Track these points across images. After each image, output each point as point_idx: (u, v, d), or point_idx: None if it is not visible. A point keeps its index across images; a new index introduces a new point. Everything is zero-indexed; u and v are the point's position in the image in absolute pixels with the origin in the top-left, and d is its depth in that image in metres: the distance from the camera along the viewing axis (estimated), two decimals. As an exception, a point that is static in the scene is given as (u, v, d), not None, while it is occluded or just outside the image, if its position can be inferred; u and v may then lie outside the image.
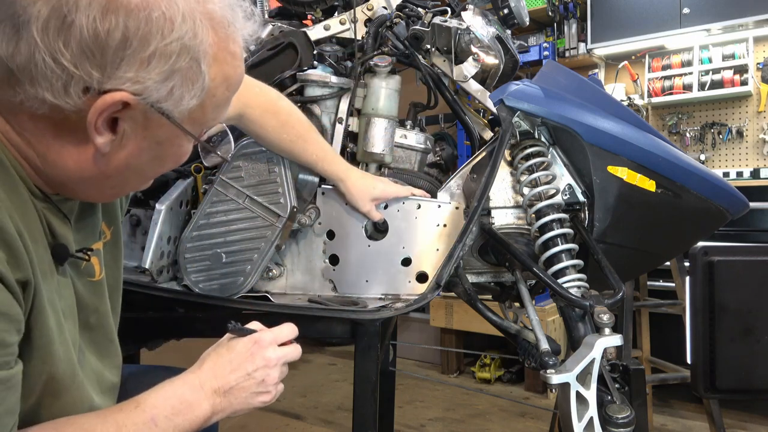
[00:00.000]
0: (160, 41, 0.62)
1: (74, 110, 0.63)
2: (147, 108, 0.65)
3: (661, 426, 2.79)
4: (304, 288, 1.38)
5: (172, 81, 0.65)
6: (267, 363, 0.84)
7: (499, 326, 1.31)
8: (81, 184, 0.71)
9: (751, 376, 1.35)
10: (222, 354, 0.84)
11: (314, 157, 1.29)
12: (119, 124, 0.66)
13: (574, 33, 3.73)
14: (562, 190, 1.32)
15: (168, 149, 0.72)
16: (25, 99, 0.62)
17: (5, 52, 0.60)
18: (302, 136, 1.27)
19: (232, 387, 0.82)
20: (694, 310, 1.38)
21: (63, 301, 0.74)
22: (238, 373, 0.82)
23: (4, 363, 0.62)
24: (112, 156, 0.68)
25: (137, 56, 0.62)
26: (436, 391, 3.33)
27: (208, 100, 0.70)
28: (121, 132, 0.66)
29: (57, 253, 0.72)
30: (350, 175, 1.32)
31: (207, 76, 0.67)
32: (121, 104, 0.63)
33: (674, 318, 2.74)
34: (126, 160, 0.69)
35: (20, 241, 0.63)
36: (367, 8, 1.47)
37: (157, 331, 1.44)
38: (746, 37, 3.29)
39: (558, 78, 1.42)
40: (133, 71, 0.62)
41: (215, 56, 0.67)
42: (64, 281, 0.75)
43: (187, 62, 0.65)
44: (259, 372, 0.83)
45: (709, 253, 1.36)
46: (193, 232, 1.27)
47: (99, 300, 0.83)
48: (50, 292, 0.70)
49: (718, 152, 3.49)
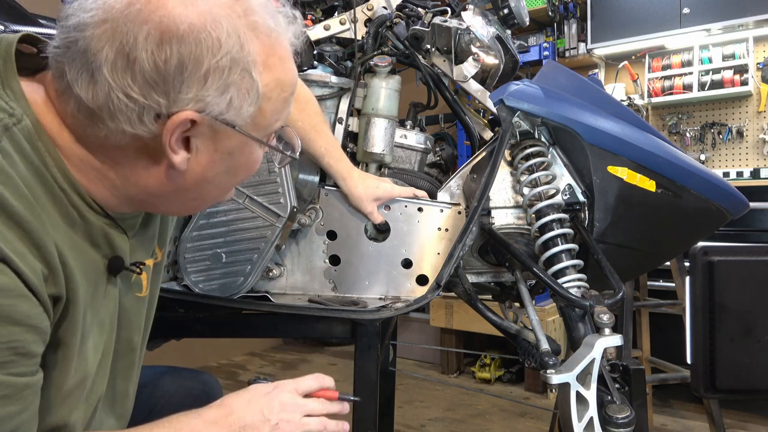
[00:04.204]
0: (211, 59, 0.67)
1: (150, 136, 0.69)
2: (212, 122, 0.70)
3: (661, 426, 2.79)
4: (304, 288, 1.38)
5: (229, 93, 0.70)
6: (283, 408, 0.85)
7: (499, 326, 1.31)
8: (162, 198, 0.77)
9: (751, 376, 1.35)
10: (241, 395, 0.87)
11: (322, 150, 1.31)
12: (191, 142, 0.72)
13: (574, 33, 3.73)
14: (562, 190, 1.32)
15: (239, 158, 0.77)
16: (109, 133, 0.69)
17: (86, 96, 0.67)
18: (315, 126, 1.29)
19: (247, 425, 0.83)
20: (694, 310, 1.38)
21: (104, 311, 0.79)
22: (254, 413, 0.83)
23: (29, 371, 0.66)
24: (189, 171, 0.74)
25: (194, 77, 0.67)
26: (436, 391, 3.33)
27: (266, 105, 0.74)
28: (195, 148, 0.72)
29: (112, 265, 0.78)
30: (353, 175, 1.34)
31: (260, 83, 0.72)
32: (189, 122, 0.69)
33: (674, 318, 2.75)
34: (202, 174, 0.75)
35: (58, 260, 0.68)
36: (367, 8, 1.47)
37: (157, 331, 1.43)
38: (746, 37, 3.28)
39: (558, 78, 1.42)
40: (194, 91, 0.68)
41: (264, 63, 0.72)
42: (113, 292, 0.80)
43: (239, 74, 0.70)
44: (275, 415, 0.84)
45: (709, 253, 1.36)
46: (193, 232, 1.27)
47: (140, 316, 0.88)
48: (92, 304, 0.75)
49: (718, 152, 3.49)
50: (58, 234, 0.69)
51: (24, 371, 0.65)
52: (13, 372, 0.63)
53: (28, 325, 0.63)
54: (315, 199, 1.37)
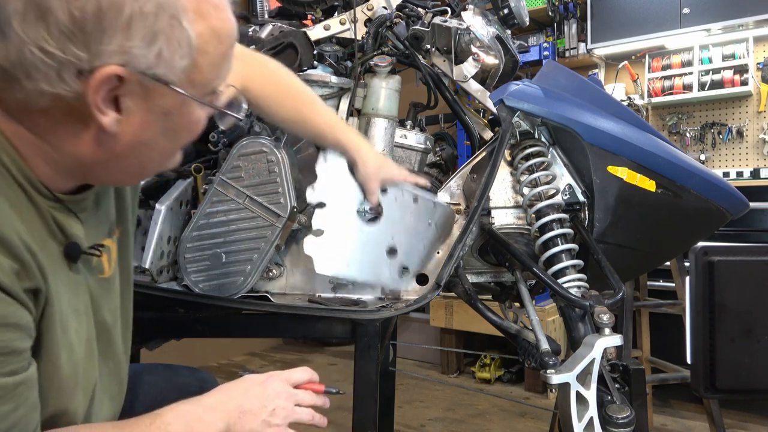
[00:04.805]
0: (133, 3, 0.61)
1: (74, 96, 0.63)
2: (142, 78, 0.64)
3: (661, 426, 2.79)
4: (304, 288, 1.37)
5: (157, 44, 0.63)
6: (278, 395, 0.87)
7: (499, 326, 1.31)
8: (101, 167, 0.71)
9: (751, 376, 1.35)
10: (236, 383, 0.88)
11: (324, 125, 1.24)
12: (121, 101, 0.65)
13: (574, 33, 3.73)
14: (562, 190, 1.32)
15: (178, 119, 0.71)
16: (27, 96, 0.63)
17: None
18: (306, 103, 1.23)
19: (245, 411, 0.83)
20: (694, 310, 1.38)
21: (78, 299, 0.75)
22: (251, 400, 0.85)
23: (20, 368, 0.64)
24: (122, 134, 0.67)
25: (116, 25, 0.61)
26: (436, 391, 3.33)
27: (202, 59, 0.68)
28: (125, 108, 0.66)
29: (69, 252, 0.72)
30: (365, 147, 1.26)
31: (191, 32, 0.66)
32: (115, 78, 0.63)
33: (674, 318, 2.74)
34: (137, 137, 0.69)
35: (27, 251, 0.64)
36: (367, 8, 1.47)
37: (157, 331, 1.44)
38: (746, 37, 3.28)
39: (558, 78, 1.42)
40: (117, 42, 0.62)
41: (197, 11, 0.66)
42: (78, 279, 0.75)
43: (167, 21, 0.63)
44: (270, 402, 0.85)
45: (709, 253, 1.36)
46: (193, 232, 1.27)
47: (108, 297, 0.84)
48: (63, 293, 0.71)
49: (718, 152, 3.49)
50: (18, 224, 0.64)
51: (15, 369, 0.63)
52: (2, 372, 0.62)
53: (6, 324, 0.61)
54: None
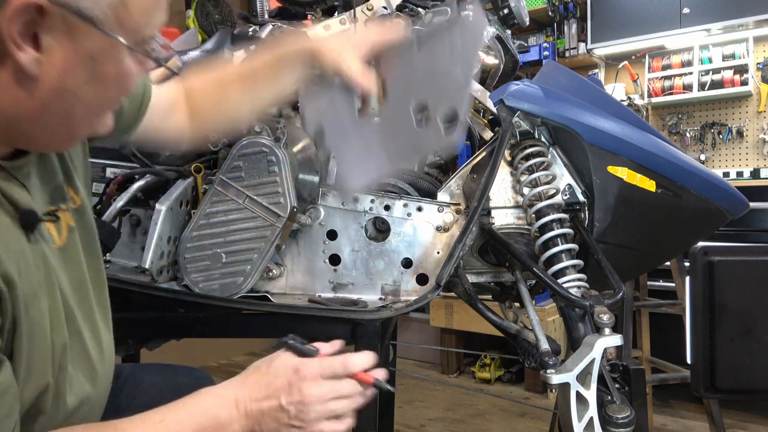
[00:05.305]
0: None
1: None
2: (63, 12, 0.59)
3: (661, 426, 2.79)
4: (304, 288, 1.38)
5: None
6: (303, 398, 0.75)
7: (499, 326, 1.31)
8: (27, 126, 0.65)
9: (751, 376, 1.35)
10: (264, 373, 0.78)
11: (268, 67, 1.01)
12: (42, 39, 0.60)
13: (574, 33, 3.73)
14: (562, 190, 1.32)
15: (106, 65, 0.64)
16: None
17: None
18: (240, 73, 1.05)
19: (264, 414, 0.75)
20: (694, 310, 1.38)
21: (39, 272, 0.68)
22: (271, 401, 0.75)
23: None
24: (44, 77, 0.61)
25: None
26: (436, 391, 3.33)
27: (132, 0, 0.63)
28: (46, 46, 0.60)
29: (25, 220, 0.66)
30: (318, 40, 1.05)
31: None
32: (33, 9, 0.57)
33: (674, 318, 2.74)
34: (60, 81, 0.62)
35: None
36: (367, 8, 1.47)
37: (157, 331, 1.44)
38: (746, 37, 3.29)
39: (558, 78, 1.42)
40: None
41: None
42: (36, 249, 0.69)
43: None
44: (293, 407, 0.75)
45: (709, 253, 1.36)
46: (193, 232, 1.27)
47: (69, 269, 0.76)
48: (22, 268, 0.65)
49: (718, 152, 3.49)
50: None
51: None
52: None
53: None
54: (315, 199, 1.37)
